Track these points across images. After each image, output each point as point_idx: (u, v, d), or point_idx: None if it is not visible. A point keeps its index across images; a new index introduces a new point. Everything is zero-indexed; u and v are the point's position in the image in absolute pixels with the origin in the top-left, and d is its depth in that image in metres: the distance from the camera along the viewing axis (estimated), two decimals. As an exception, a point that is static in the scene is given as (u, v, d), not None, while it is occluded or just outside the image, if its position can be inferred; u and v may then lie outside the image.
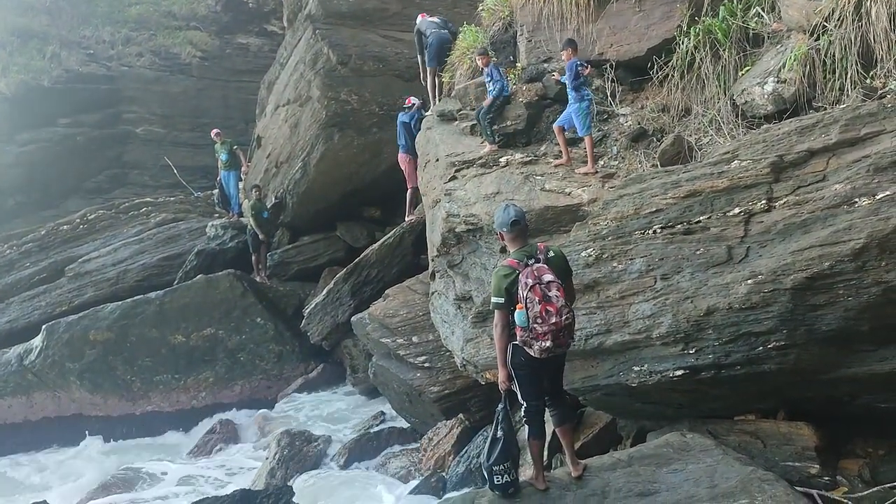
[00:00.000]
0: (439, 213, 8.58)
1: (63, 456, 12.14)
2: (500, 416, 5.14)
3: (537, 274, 4.81)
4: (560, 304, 4.75)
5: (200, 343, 13.05)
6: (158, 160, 22.83)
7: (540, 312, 4.72)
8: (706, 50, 7.60)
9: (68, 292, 14.96)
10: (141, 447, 12.13)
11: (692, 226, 5.92)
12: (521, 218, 5.07)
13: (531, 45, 9.43)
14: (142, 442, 12.30)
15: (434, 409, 9.09)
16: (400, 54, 15.26)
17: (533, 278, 4.78)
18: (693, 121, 7.61)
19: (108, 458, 11.77)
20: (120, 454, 11.93)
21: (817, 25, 6.69)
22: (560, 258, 5.06)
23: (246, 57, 24.87)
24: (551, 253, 5.00)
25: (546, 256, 4.94)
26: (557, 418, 5.32)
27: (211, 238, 15.88)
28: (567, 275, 5.08)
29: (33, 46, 23.03)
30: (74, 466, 11.65)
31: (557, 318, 4.74)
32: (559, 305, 4.74)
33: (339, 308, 12.39)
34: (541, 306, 4.72)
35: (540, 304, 4.72)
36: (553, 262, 4.95)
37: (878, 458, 5.65)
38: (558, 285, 4.80)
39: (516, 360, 5.02)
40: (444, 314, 8.60)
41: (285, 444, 9.51)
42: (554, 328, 4.74)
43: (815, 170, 5.54)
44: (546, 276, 4.81)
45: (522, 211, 5.20)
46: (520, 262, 4.89)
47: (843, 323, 5.15)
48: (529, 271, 4.82)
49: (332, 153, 14.49)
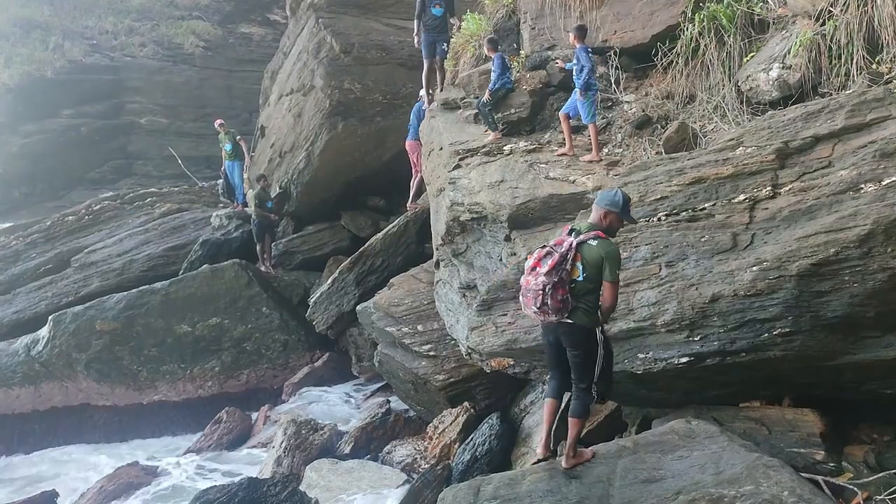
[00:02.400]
0: (444, 201, 8.58)
1: (71, 447, 12.21)
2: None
3: (552, 243, 5.11)
4: (537, 270, 5.02)
5: (206, 333, 13.08)
6: (162, 150, 22.87)
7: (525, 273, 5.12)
8: (711, 36, 7.56)
9: (74, 283, 15.03)
10: (147, 436, 12.19)
11: (697, 213, 5.91)
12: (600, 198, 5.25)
13: (535, 33, 9.40)
14: (148, 430, 12.35)
15: (439, 397, 9.12)
16: (403, 42, 15.22)
17: (549, 245, 5.10)
18: (698, 107, 7.58)
19: (114, 449, 11.84)
20: (126, 444, 12.00)
21: (823, 10, 6.65)
22: (591, 251, 5.02)
23: (249, 46, 24.88)
24: (592, 243, 5.03)
25: (580, 241, 5.04)
26: (569, 407, 5.39)
27: (216, 228, 15.92)
28: (595, 268, 5.01)
29: (36, 37, 23.06)
30: (82, 457, 11.72)
31: (525, 281, 5.07)
32: (537, 272, 5.02)
33: (344, 297, 12.42)
34: (527, 269, 5.11)
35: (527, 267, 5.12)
36: (584, 250, 5.03)
37: (883, 444, 5.65)
38: (555, 259, 4.97)
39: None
40: (448, 303, 8.61)
41: (291, 433, 9.54)
42: (523, 288, 5.10)
43: (821, 156, 5.51)
44: (558, 247, 5.03)
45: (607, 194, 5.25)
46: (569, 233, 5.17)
47: (848, 309, 5.15)
48: (557, 240, 5.16)
49: (335, 142, 14.48)
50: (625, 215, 5.17)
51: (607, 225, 5.15)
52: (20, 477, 11.53)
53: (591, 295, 5.07)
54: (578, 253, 5.02)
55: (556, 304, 4.97)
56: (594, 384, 5.17)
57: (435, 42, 10.67)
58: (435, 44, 10.67)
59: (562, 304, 4.98)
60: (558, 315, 5.02)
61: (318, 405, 11.67)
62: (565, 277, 4.98)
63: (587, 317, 5.07)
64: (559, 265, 4.96)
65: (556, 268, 4.96)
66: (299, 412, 11.18)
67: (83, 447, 12.22)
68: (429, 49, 10.72)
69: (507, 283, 6.87)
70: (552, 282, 4.95)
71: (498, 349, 6.92)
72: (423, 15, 10.69)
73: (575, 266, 5.02)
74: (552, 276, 4.95)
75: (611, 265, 4.98)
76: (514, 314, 6.80)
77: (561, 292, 4.97)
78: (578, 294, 5.03)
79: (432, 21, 10.65)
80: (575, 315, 5.05)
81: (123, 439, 12.33)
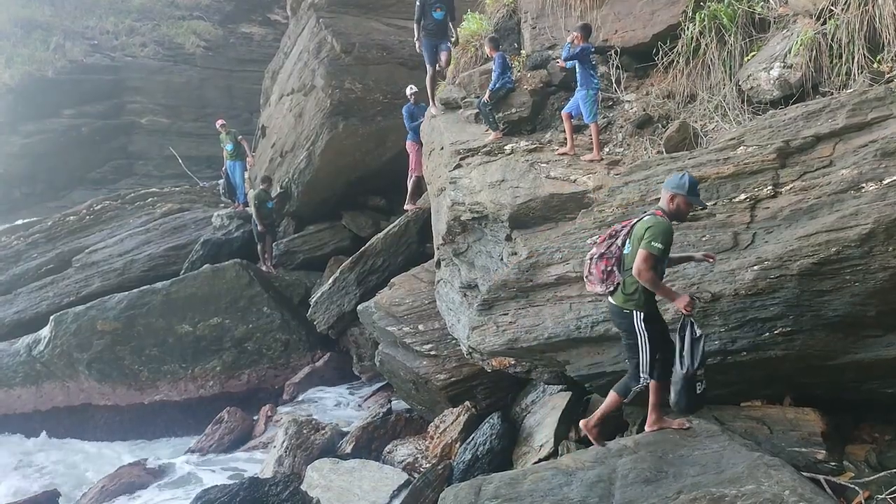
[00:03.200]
0: (444, 201, 8.58)
1: (72, 445, 12.23)
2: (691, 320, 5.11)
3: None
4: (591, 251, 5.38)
5: (207, 332, 13.10)
6: (163, 150, 22.90)
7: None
8: (711, 35, 7.55)
9: (75, 283, 15.05)
10: (148, 436, 12.21)
11: (698, 212, 5.90)
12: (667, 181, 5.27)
13: (535, 32, 9.39)
14: (150, 430, 12.37)
15: (440, 396, 9.12)
16: (404, 42, 15.23)
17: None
18: (698, 107, 7.57)
19: (116, 449, 11.86)
20: (127, 443, 12.02)
21: (824, 9, 6.65)
22: (639, 226, 5.12)
23: (249, 46, 24.90)
24: (645, 218, 5.13)
25: (637, 219, 5.19)
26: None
27: (217, 228, 15.94)
28: (637, 240, 5.08)
29: (37, 37, 23.09)
30: (83, 456, 11.74)
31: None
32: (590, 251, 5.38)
33: (345, 297, 12.43)
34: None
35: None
36: (636, 226, 5.14)
37: (884, 443, 5.65)
38: (605, 237, 5.29)
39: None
40: (449, 302, 8.62)
41: (293, 433, 9.55)
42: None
43: (822, 155, 5.51)
44: (617, 226, 5.29)
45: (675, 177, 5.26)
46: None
47: (849, 308, 5.15)
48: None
49: (336, 142, 14.49)
50: (692, 198, 5.13)
51: (674, 209, 5.12)
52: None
53: (631, 275, 5.07)
54: (632, 229, 5.16)
55: (598, 273, 5.21)
56: (643, 373, 5.20)
57: (437, 46, 10.42)
58: (437, 48, 10.41)
59: (604, 276, 5.19)
60: (601, 287, 5.23)
61: (319, 405, 11.68)
62: (614, 251, 5.18)
63: (623, 298, 5.17)
64: (610, 238, 5.23)
65: (607, 241, 5.24)
66: (300, 412, 11.19)
67: (83, 445, 12.25)
68: (431, 54, 10.45)
69: (508, 283, 6.86)
70: (599, 252, 5.23)
71: (499, 348, 6.92)
72: (424, 19, 10.41)
73: (626, 242, 5.17)
74: (600, 248, 5.25)
75: (650, 234, 4.94)
76: (515, 313, 6.80)
77: (605, 263, 5.20)
78: (624, 269, 5.16)
79: (433, 25, 10.37)
80: (616, 295, 5.21)
81: (125, 439, 12.35)
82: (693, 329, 5.06)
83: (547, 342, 6.54)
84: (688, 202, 5.14)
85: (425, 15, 10.34)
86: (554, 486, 5.19)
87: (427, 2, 10.23)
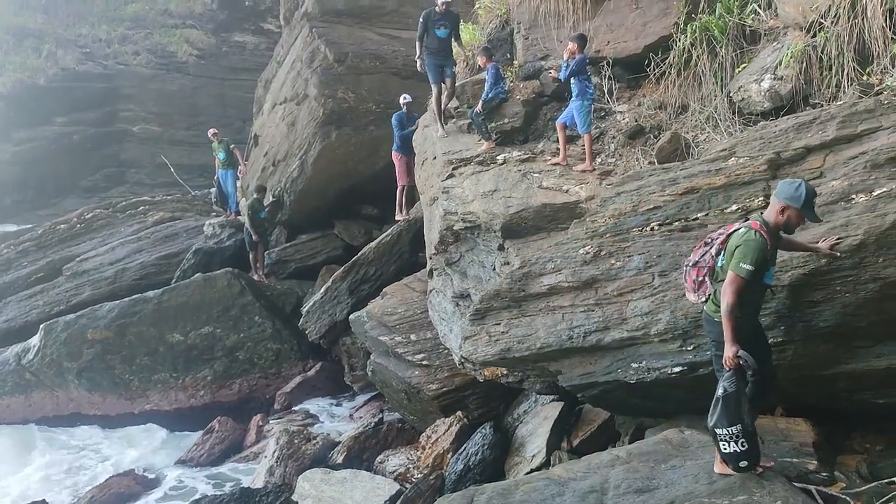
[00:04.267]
0: (437, 210, 8.59)
1: (59, 455, 12.12)
2: (727, 374, 4.79)
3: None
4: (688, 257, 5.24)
5: (198, 342, 13.04)
6: (155, 158, 22.84)
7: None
8: (703, 47, 7.60)
9: (66, 291, 14.97)
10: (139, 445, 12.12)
11: (690, 223, 5.93)
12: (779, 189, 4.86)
13: (528, 43, 9.44)
14: (140, 440, 12.28)
15: (432, 406, 9.10)
16: (397, 52, 15.29)
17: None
18: (690, 118, 7.61)
19: (105, 458, 11.76)
20: (117, 453, 11.92)
21: (814, 22, 6.70)
22: (734, 238, 4.79)
23: (242, 55, 24.91)
24: (741, 230, 4.77)
25: (735, 227, 4.88)
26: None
27: (209, 237, 15.90)
28: (730, 253, 4.75)
29: (29, 45, 23.04)
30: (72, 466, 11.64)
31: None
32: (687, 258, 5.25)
33: (337, 306, 12.40)
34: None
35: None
36: (732, 236, 4.83)
37: (875, 453, 5.66)
38: (701, 244, 5.10)
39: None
40: (442, 312, 8.61)
41: (284, 443, 9.51)
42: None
43: (813, 166, 5.54)
44: (714, 233, 5.07)
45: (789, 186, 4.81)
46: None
47: (840, 319, 5.17)
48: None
49: (329, 151, 14.51)
50: (807, 212, 4.69)
51: (783, 221, 4.73)
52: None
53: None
54: (728, 238, 4.85)
55: (690, 282, 5.08)
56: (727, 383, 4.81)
57: (443, 66, 9.70)
58: (443, 67, 9.69)
59: (696, 286, 5.04)
60: (694, 296, 5.08)
61: (310, 415, 11.63)
62: (707, 260, 4.98)
63: (715, 307, 4.88)
64: (705, 246, 5.04)
65: (702, 249, 5.06)
66: (292, 422, 11.14)
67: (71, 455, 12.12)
68: (436, 73, 9.71)
69: (501, 293, 6.86)
70: (693, 260, 5.08)
71: (491, 358, 6.92)
72: (426, 37, 9.75)
73: (720, 252, 4.90)
74: (695, 255, 5.09)
75: (741, 252, 4.62)
76: (508, 323, 6.80)
77: (696, 272, 5.04)
78: (716, 281, 4.92)
79: (437, 44, 9.70)
80: (708, 303, 5.00)
81: (113, 446, 12.24)
82: (721, 384, 4.79)
83: (539, 352, 6.53)
84: (801, 216, 4.71)
85: (428, 32, 9.73)
86: (546, 497, 5.18)
87: (431, 18, 9.70)
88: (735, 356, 4.67)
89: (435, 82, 9.70)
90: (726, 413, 4.73)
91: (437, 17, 9.63)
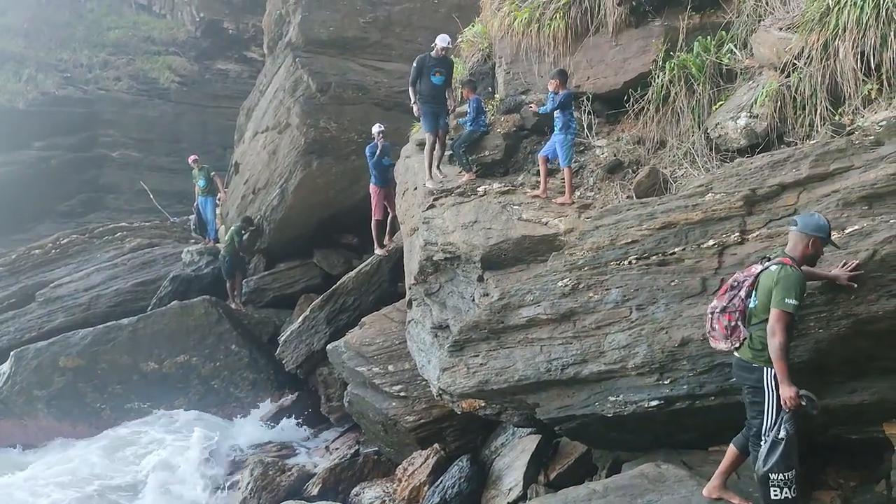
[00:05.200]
0: (417, 241, 8.60)
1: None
2: (786, 416, 4.68)
3: (742, 271, 5.05)
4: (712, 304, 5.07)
5: (174, 370, 12.88)
6: (134, 184, 22.66)
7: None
8: (681, 84, 7.75)
9: (38, 318, 14.75)
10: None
11: (667, 257, 5.98)
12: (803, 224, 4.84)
13: (509, 77, 9.55)
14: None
15: (409, 438, 9.03)
16: (380, 83, 15.40)
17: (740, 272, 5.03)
18: (668, 153, 7.73)
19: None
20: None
21: (788, 63, 6.86)
22: (765, 277, 4.76)
23: (225, 83, 24.89)
24: (772, 268, 4.73)
25: (763, 268, 4.82)
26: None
27: (186, 264, 15.78)
28: (767, 294, 4.70)
29: (9, 69, 22.87)
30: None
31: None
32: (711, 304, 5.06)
33: (315, 336, 12.32)
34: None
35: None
36: (762, 277, 4.79)
37: (849, 489, 5.69)
38: (726, 288, 4.98)
39: None
40: (420, 343, 8.58)
41: (258, 474, 9.38)
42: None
43: (787, 203, 5.64)
44: (739, 276, 4.97)
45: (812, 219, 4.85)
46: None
47: (814, 355, 5.21)
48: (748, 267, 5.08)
49: (310, 180, 14.53)
50: (830, 241, 4.84)
51: (811, 253, 4.79)
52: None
53: (760, 328, 4.73)
54: (756, 280, 4.81)
55: (721, 329, 4.89)
56: (764, 435, 4.73)
57: (438, 114, 9.22)
58: (438, 116, 9.21)
59: (728, 332, 4.86)
60: (726, 343, 4.90)
61: (285, 445, 11.47)
62: (737, 304, 4.85)
63: (752, 353, 4.79)
64: (732, 290, 4.91)
65: (729, 292, 4.91)
66: (266, 452, 10.98)
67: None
68: (432, 122, 9.17)
69: (480, 324, 6.86)
70: (721, 306, 4.91)
71: (469, 390, 6.89)
72: (420, 82, 9.28)
73: (750, 294, 4.84)
74: (722, 300, 4.92)
75: (783, 288, 4.57)
76: (486, 355, 6.79)
77: (728, 318, 4.87)
78: (751, 326, 4.81)
79: (431, 90, 9.23)
80: (742, 349, 4.86)
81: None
82: (780, 428, 4.65)
83: (517, 384, 6.53)
84: (822, 245, 4.83)
85: (422, 78, 9.25)
86: (523, 531, 5.14)
87: (426, 64, 9.23)
88: (796, 396, 4.58)
89: (430, 130, 9.15)
90: (785, 458, 4.63)
91: (433, 64, 9.22)
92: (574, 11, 8.72)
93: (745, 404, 4.94)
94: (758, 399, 4.78)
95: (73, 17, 25.72)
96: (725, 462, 5.18)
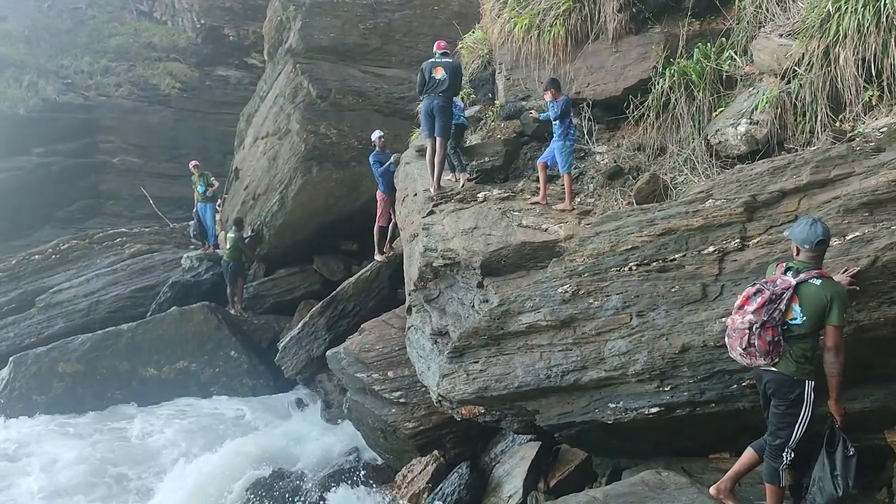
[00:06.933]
0: (417, 247, 8.59)
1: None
2: (837, 430, 4.81)
3: (764, 281, 4.79)
4: (744, 309, 4.73)
5: (173, 376, 12.87)
6: (134, 190, 22.68)
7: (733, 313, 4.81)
8: (681, 91, 7.76)
9: (38, 323, 14.73)
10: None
11: (667, 263, 5.97)
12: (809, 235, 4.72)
13: (509, 83, 9.57)
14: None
15: (409, 445, 8.99)
16: (380, 89, 15.42)
17: (759, 283, 4.78)
18: (668, 160, 7.73)
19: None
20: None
21: (788, 69, 6.86)
22: (816, 292, 4.61)
23: (225, 89, 24.92)
24: (815, 282, 4.62)
25: (800, 280, 4.66)
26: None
27: (186, 270, 15.77)
28: (818, 310, 4.60)
29: (10, 75, 22.89)
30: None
31: (731, 320, 4.81)
32: (745, 310, 4.72)
33: (315, 342, 12.30)
34: (734, 308, 4.82)
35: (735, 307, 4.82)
36: (804, 290, 4.64)
37: (851, 497, 5.66)
38: (765, 297, 4.66)
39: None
40: (420, 349, 8.56)
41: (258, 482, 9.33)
42: (729, 329, 4.84)
43: (788, 210, 5.62)
44: (769, 285, 4.71)
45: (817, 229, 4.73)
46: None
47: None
48: (770, 278, 4.82)
49: (310, 186, 14.54)
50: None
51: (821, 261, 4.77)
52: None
53: (804, 341, 4.66)
54: (796, 293, 4.65)
55: (763, 345, 4.65)
56: (789, 447, 4.75)
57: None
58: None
59: (770, 347, 4.66)
60: (766, 359, 4.69)
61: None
62: (777, 317, 4.64)
63: (795, 366, 4.68)
64: (770, 303, 4.65)
65: (767, 306, 4.65)
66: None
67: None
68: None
69: (479, 330, 6.84)
70: (761, 321, 4.64)
71: (469, 397, 6.87)
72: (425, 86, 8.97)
73: (790, 307, 4.66)
74: (761, 315, 4.64)
75: (839, 306, 4.55)
76: (486, 361, 6.77)
77: (771, 333, 4.65)
78: (791, 339, 4.68)
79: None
80: (782, 363, 4.71)
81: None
82: (847, 445, 4.71)
83: (517, 391, 6.50)
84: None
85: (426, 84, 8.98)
86: (522, 539, 5.11)
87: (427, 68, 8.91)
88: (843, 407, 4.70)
89: (443, 136, 8.96)
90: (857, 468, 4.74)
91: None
92: (574, 18, 8.75)
93: (772, 415, 4.86)
94: (792, 412, 4.72)
95: (75, 24, 25.77)
96: (740, 465, 5.17)
